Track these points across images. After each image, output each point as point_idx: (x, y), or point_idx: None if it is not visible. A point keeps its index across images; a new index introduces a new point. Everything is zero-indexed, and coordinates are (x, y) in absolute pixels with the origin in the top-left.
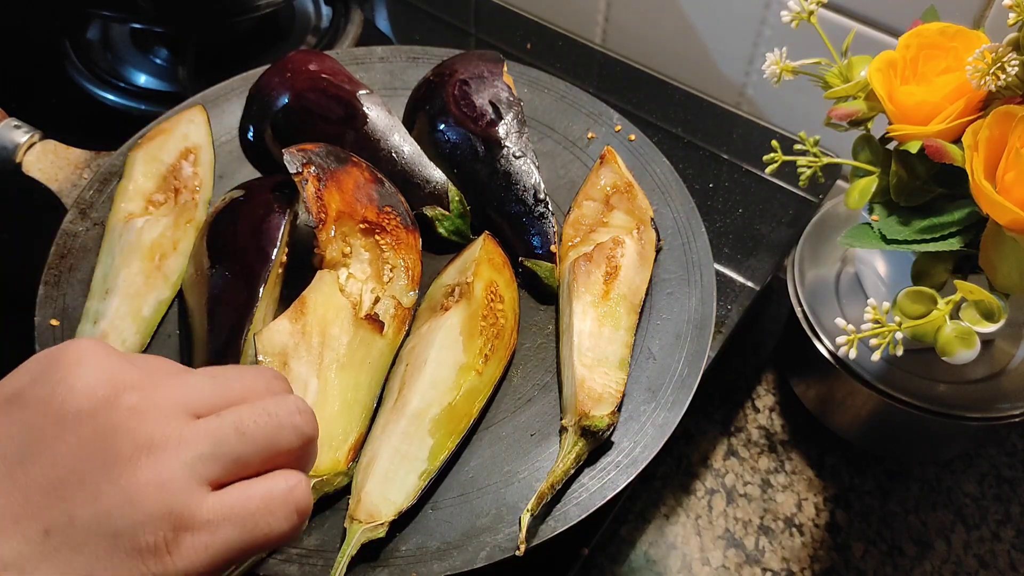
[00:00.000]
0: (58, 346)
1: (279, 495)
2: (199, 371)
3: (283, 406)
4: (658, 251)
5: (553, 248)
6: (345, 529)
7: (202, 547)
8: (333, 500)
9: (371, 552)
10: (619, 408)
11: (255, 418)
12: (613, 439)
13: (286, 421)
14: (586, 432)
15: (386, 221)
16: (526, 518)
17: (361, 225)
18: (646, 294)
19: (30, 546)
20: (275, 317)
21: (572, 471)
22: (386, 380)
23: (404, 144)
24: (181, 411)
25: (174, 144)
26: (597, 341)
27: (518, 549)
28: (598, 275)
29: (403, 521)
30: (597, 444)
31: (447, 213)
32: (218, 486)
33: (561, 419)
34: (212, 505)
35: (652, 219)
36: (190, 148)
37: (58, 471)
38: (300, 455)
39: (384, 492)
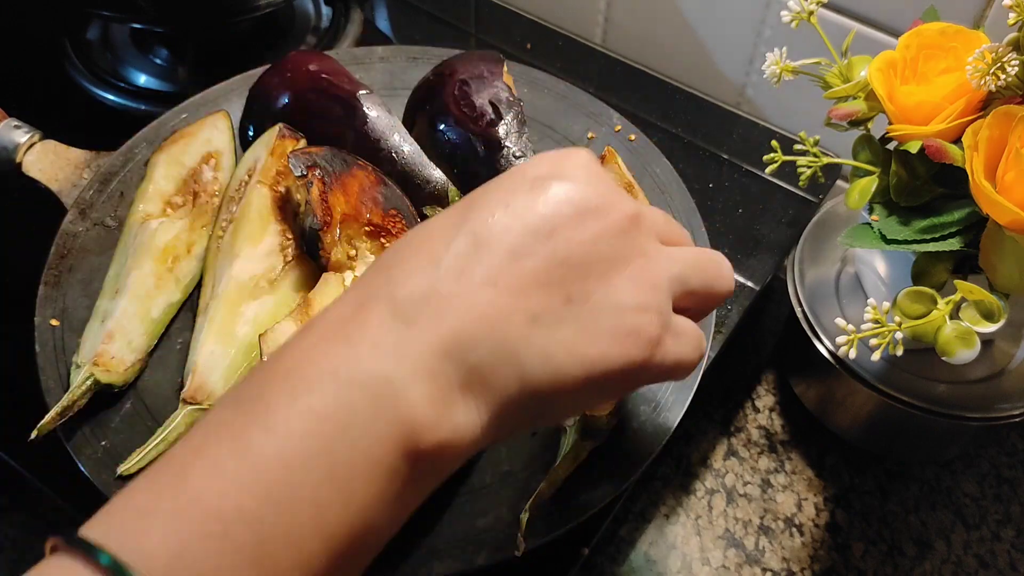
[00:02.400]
0: (575, 152)
1: (700, 338)
2: (648, 206)
3: (721, 258)
4: None
5: None
6: None
7: (672, 349)
8: None
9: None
10: (618, 409)
11: (707, 263)
12: (613, 439)
13: (725, 274)
14: (586, 432)
15: (391, 224)
16: (524, 518)
17: (366, 228)
18: None
19: (553, 307)
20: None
21: (572, 471)
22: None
23: (404, 144)
24: (654, 231)
25: (196, 148)
26: None
27: (517, 549)
28: None
29: (417, 519)
30: (597, 444)
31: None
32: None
33: None
34: (680, 321)
35: None
36: (212, 153)
37: (577, 253)
38: (716, 306)
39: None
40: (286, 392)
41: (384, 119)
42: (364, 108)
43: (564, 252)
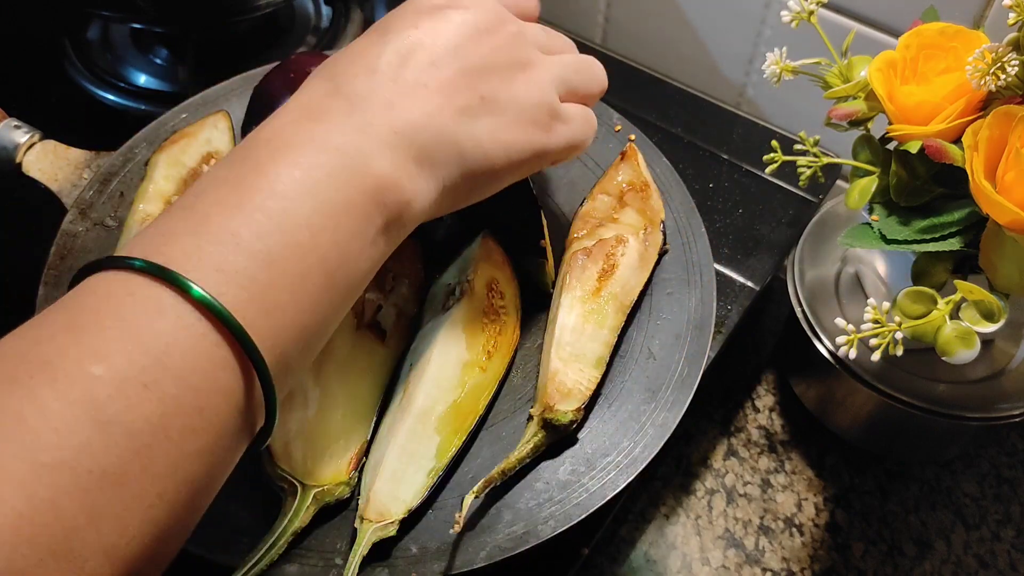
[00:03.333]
0: None
1: (591, 116)
2: (530, 23)
3: (594, 63)
4: (661, 255)
5: (543, 243)
6: (355, 529)
7: (565, 132)
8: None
9: (372, 552)
10: (587, 406)
11: (582, 65)
12: (613, 439)
13: (598, 75)
14: (548, 425)
15: None
16: (469, 499)
17: None
18: (643, 295)
19: (472, 104)
20: None
21: (527, 461)
22: (391, 382)
23: None
24: (536, 44)
25: (197, 148)
26: (578, 336)
27: (456, 526)
28: (593, 271)
29: (410, 520)
30: (557, 438)
31: (442, 218)
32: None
33: (531, 407)
34: (566, 107)
35: (663, 222)
36: (212, 153)
37: (481, 63)
38: (593, 101)
39: (393, 490)
40: (271, 152)
41: None
42: None
43: (470, 62)
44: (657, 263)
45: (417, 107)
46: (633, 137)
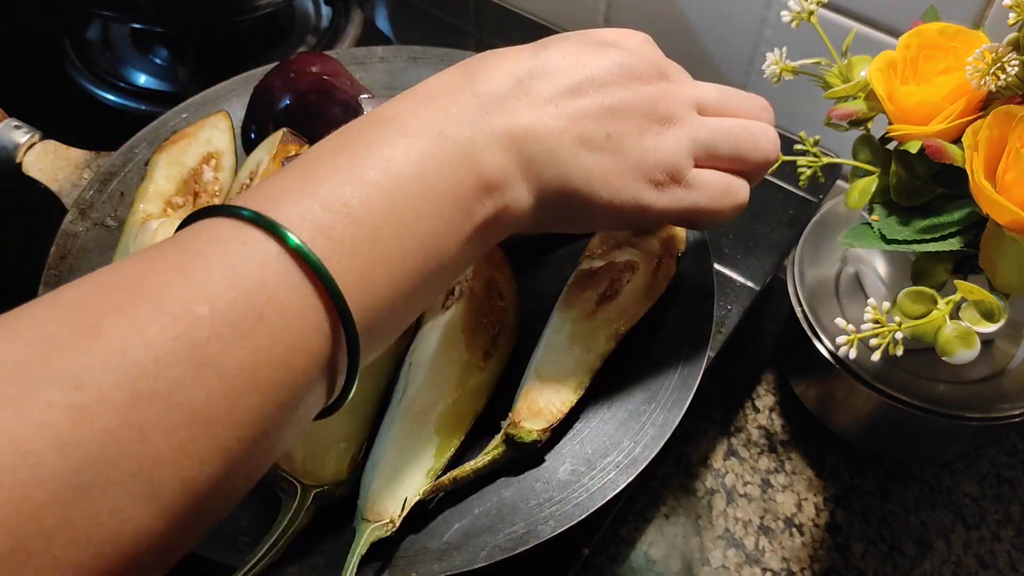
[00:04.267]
0: (635, 32)
1: (734, 185)
2: (710, 84)
3: (764, 131)
4: (671, 286)
5: None
6: (354, 529)
7: (683, 197)
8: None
9: (372, 552)
10: (555, 429)
11: (740, 132)
12: (613, 439)
13: (761, 144)
14: (510, 440)
15: None
16: (412, 500)
17: None
18: (642, 325)
19: (596, 137)
20: None
21: (483, 472)
22: (390, 382)
23: None
24: (693, 104)
25: (197, 148)
26: (562, 357)
27: (391, 524)
28: (593, 293)
29: (410, 520)
30: (519, 456)
31: None
32: (696, 166)
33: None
34: (694, 173)
35: (682, 254)
36: (212, 153)
37: (621, 105)
38: (755, 172)
39: (392, 490)
40: (391, 132)
41: None
42: (365, 112)
43: (611, 101)
44: (665, 295)
45: (540, 121)
46: None
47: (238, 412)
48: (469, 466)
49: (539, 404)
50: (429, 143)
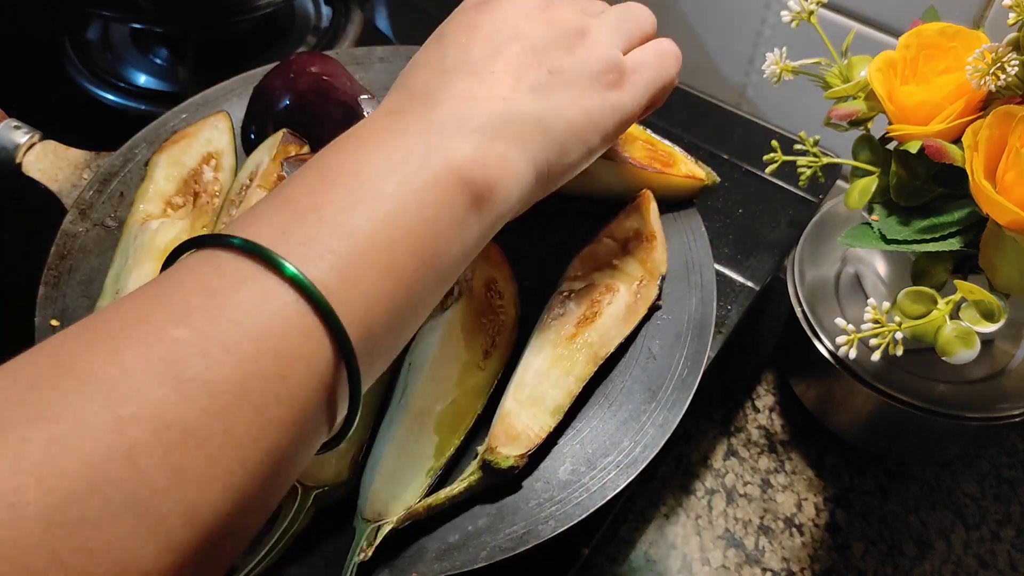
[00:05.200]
0: None
1: (666, 48)
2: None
3: (635, 4)
4: (652, 310)
5: None
6: (354, 529)
7: (636, 82)
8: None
9: (373, 552)
10: (532, 454)
11: (627, 11)
12: (613, 439)
13: (641, 12)
14: (486, 466)
15: None
16: (385, 529)
17: None
18: (622, 349)
19: (542, 79)
20: None
21: (459, 499)
22: (390, 383)
23: None
24: (582, 12)
25: (197, 149)
26: (540, 380)
27: (363, 554)
28: (574, 315)
29: (410, 517)
30: (495, 482)
31: None
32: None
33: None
34: (630, 57)
35: (663, 277)
36: (212, 153)
37: (540, 41)
38: (653, 36)
39: (392, 490)
40: (354, 144)
41: None
42: (364, 113)
43: (529, 42)
44: (647, 318)
45: (490, 92)
46: (647, 192)
47: (236, 430)
48: (444, 493)
49: (517, 429)
50: (393, 141)
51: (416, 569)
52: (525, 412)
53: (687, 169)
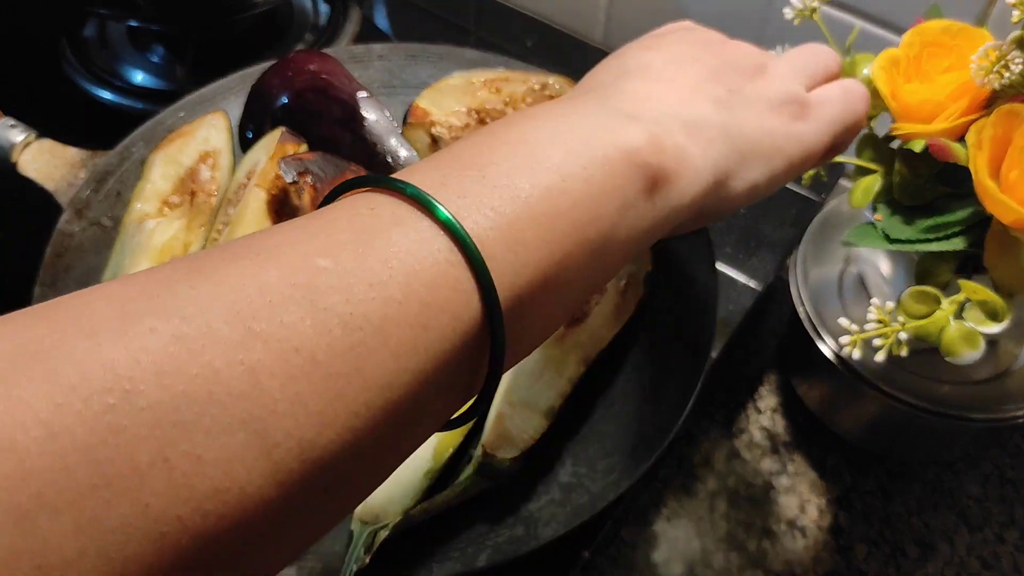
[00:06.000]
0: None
1: (852, 87)
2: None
3: (815, 45)
4: (641, 308)
5: None
6: (352, 531)
7: (820, 116)
8: None
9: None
10: (526, 455)
11: (809, 51)
12: (614, 440)
13: (822, 51)
14: (483, 469)
15: None
16: (382, 535)
17: None
18: (612, 348)
19: (722, 96)
20: None
21: (455, 504)
22: None
23: (401, 148)
24: (761, 52)
25: (194, 147)
26: (533, 382)
27: (362, 562)
28: None
29: (408, 522)
30: (492, 485)
31: None
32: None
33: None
34: (813, 93)
35: (648, 273)
36: (209, 152)
37: (721, 64)
38: (839, 76)
39: (389, 492)
40: (525, 116)
41: (382, 122)
42: (362, 111)
43: (711, 64)
44: (635, 315)
45: (669, 94)
46: None
47: (367, 371)
48: (440, 498)
49: (511, 431)
50: (565, 119)
51: (416, 571)
52: (518, 414)
53: None
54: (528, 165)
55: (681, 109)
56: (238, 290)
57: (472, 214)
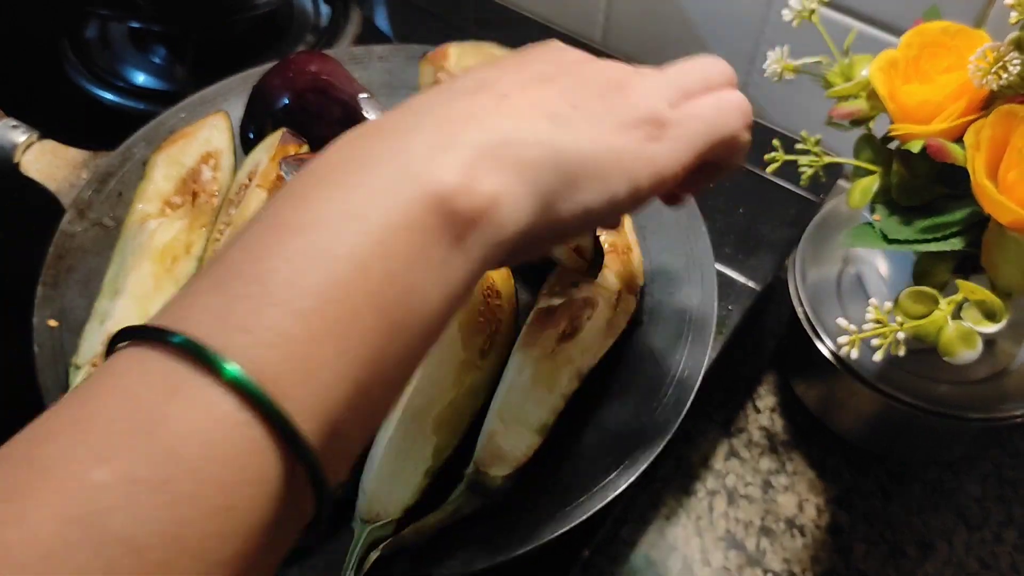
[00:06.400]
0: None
1: (727, 99)
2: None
3: (709, 57)
4: (633, 323)
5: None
6: (353, 530)
7: (678, 135)
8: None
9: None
10: (519, 473)
11: (693, 64)
12: (614, 439)
13: (709, 64)
14: (474, 487)
15: None
16: (373, 556)
17: None
18: (604, 364)
19: (563, 111)
20: None
21: (447, 524)
22: None
23: None
24: (630, 71)
25: (195, 148)
26: (524, 399)
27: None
28: (554, 331)
29: (408, 520)
30: (484, 503)
31: None
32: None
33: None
34: (678, 110)
35: (641, 287)
36: (211, 153)
37: (567, 84)
38: (728, 88)
39: (390, 490)
40: (311, 182)
41: None
42: (363, 112)
43: (564, 81)
44: (627, 331)
45: (499, 112)
46: None
47: None
48: (432, 517)
49: (503, 448)
50: (355, 176)
51: (416, 570)
52: (510, 431)
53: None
54: (315, 262)
55: (508, 128)
56: (7, 552)
57: (259, 351)
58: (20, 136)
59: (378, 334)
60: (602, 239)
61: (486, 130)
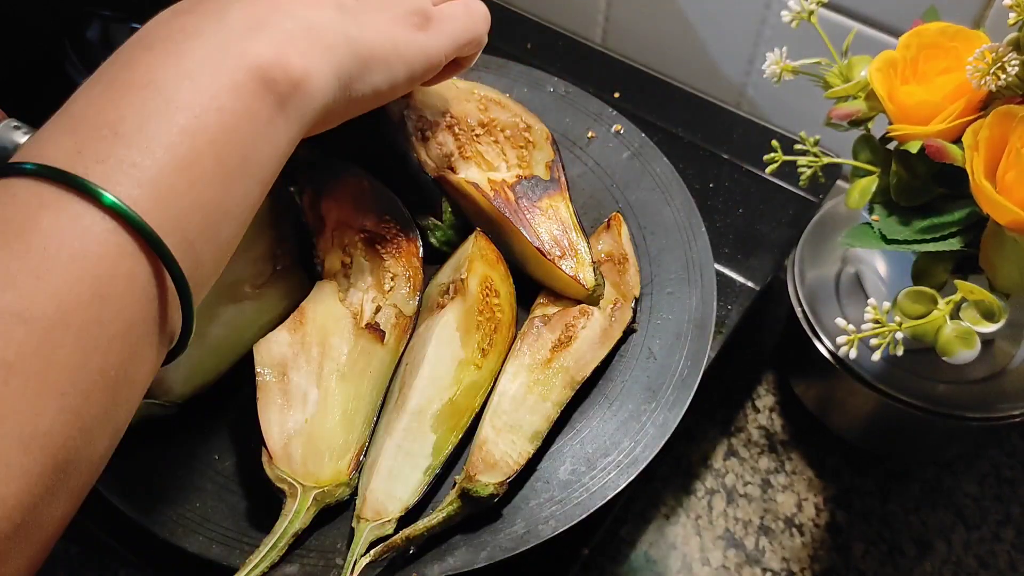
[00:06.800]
0: None
1: (475, 6)
2: None
3: None
4: (627, 333)
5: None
6: (352, 529)
7: (442, 29)
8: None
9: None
10: (511, 482)
11: None
12: (613, 439)
13: None
14: (465, 495)
15: (386, 230)
16: (363, 563)
17: (361, 235)
18: (598, 372)
19: (350, 4)
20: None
21: (437, 530)
22: (388, 383)
23: (400, 150)
24: None
25: None
26: (518, 407)
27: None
28: (548, 340)
29: (409, 519)
30: (475, 511)
31: (439, 223)
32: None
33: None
34: (438, 8)
35: (636, 299)
36: None
37: None
38: None
39: (389, 489)
40: (143, 48)
41: (382, 124)
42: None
43: None
44: (622, 341)
45: (296, 3)
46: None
47: (58, 357)
48: (423, 524)
49: (495, 456)
50: (186, 42)
51: (416, 569)
52: (503, 439)
53: (575, 270)
54: (158, 111)
55: (306, 14)
56: None
57: (116, 177)
58: (21, 136)
59: (220, 176)
60: (599, 249)
61: (291, 17)
